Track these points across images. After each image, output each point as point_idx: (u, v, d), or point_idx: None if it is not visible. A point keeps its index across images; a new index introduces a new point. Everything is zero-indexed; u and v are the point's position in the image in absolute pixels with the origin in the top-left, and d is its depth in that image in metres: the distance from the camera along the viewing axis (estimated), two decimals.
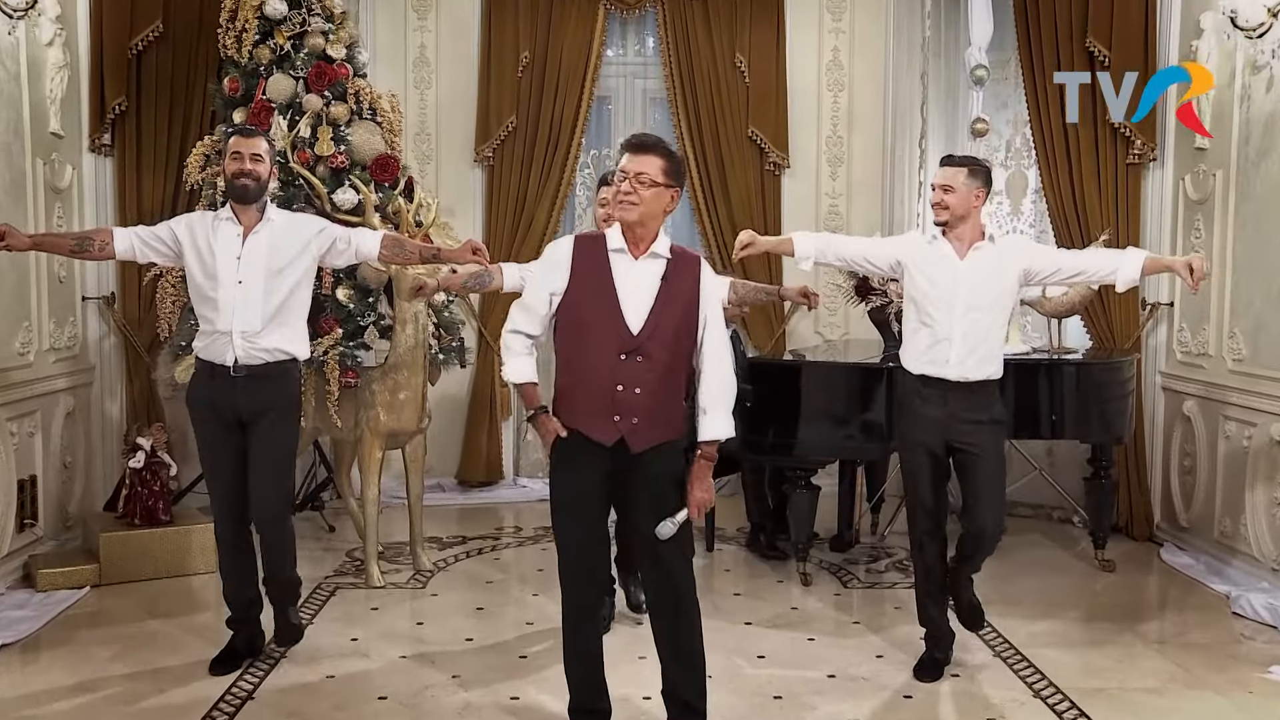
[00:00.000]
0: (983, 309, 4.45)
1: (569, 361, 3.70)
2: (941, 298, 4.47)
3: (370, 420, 5.75)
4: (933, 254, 4.54)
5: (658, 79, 8.05)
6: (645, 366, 3.61)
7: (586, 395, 3.63)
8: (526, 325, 3.76)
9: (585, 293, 3.64)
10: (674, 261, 3.68)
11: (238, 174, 4.49)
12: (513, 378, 3.79)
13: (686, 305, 3.67)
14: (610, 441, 3.62)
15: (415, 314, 5.65)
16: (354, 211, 5.87)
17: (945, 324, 4.46)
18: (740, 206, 7.86)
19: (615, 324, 3.61)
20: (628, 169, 3.61)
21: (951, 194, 4.47)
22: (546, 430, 3.70)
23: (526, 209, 7.82)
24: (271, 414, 4.54)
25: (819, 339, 8.11)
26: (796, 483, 5.82)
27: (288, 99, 6.11)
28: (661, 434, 3.68)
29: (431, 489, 7.43)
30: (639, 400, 3.61)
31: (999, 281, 4.49)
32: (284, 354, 4.56)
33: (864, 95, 8.12)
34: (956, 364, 4.45)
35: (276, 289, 4.50)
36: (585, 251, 3.68)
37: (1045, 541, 6.84)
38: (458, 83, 7.96)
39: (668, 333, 3.63)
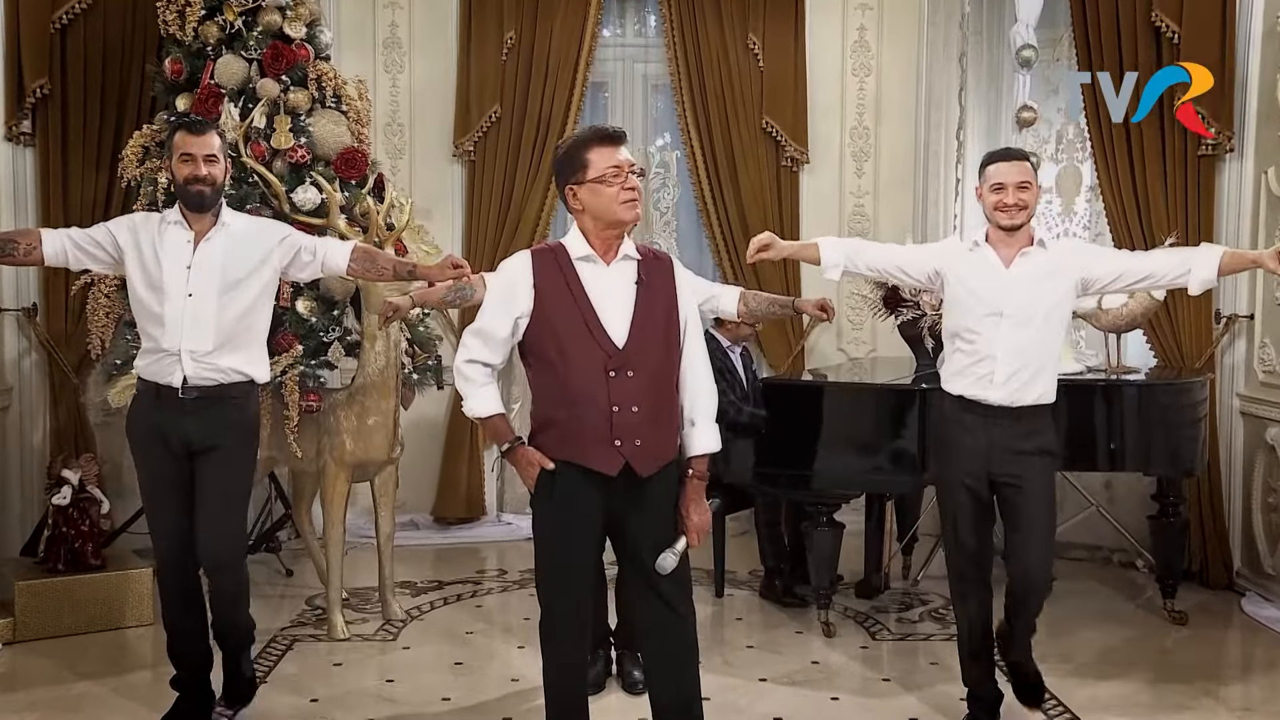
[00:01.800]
0: (1033, 323, 4.42)
1: (550, 389, 3.70)
2: (985, 311, 4.44)
3: (334, 449, 5.73)
4: (975, 262, 4.52)
5: (660, 63, 8.07)
6: (638, 381, 3.62)
7: (579, 423, 3.63)
8: (485, 353, 3.75)
9: (556, 311, 3.65)
10: (645, 262, 3.73)
11: (191, 179, 4.45)
12: (477, 412, 3.78)
13: (668, 308, 3.72)
14: (615, 470, 3.62)
15: (386, 329, 5.62)
16: (316, 213, 5.85)
17: (989, 341, 4.43)
18: (753, 207, 7.85)
19: (598, 339, 3.62)
20: (622, 163, 3.64)
21: (1029, 191, 4.46)
22: (528, 463, 3.69)
23: (512, 210, 7.83)
24: (226, 444, 4.49)
25: (842, 357, 8.12)
26: (817, 520, 5.80)
27: (239, 84, 6.07)
28: (666, 454, 3.71)
29: (404, 527, 7.41)
30: (639, 419, 3.62)
31: (1052, 292, 4.45)
32: (240, 375, 4.52)
33: (894, 81, 8.13)
34: (1002, 386, 4.42)
35: (232, 304, 4.46)
36: (546, 266, 3.69)
37: (1104, 589, 6.78)
38: (434, 67, 7.97)
39: (655, 341, 3.67)
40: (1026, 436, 4.44)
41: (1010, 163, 4.50)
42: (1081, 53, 6.95)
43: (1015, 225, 4.45)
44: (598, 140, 3.66)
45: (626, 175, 3.62)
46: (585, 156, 3.64)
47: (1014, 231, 4.47)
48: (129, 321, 5.74)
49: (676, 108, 7.93)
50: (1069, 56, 7.30)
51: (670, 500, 3.74)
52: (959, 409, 4.51)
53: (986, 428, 4.45)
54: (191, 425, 4.44)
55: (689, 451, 3.76)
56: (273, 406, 5.69)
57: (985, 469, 4.46)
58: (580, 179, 3.65)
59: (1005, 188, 4.44)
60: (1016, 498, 4.46)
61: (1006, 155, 4.56)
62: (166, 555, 4.57)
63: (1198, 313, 6.63)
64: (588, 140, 3.68)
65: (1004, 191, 4.44)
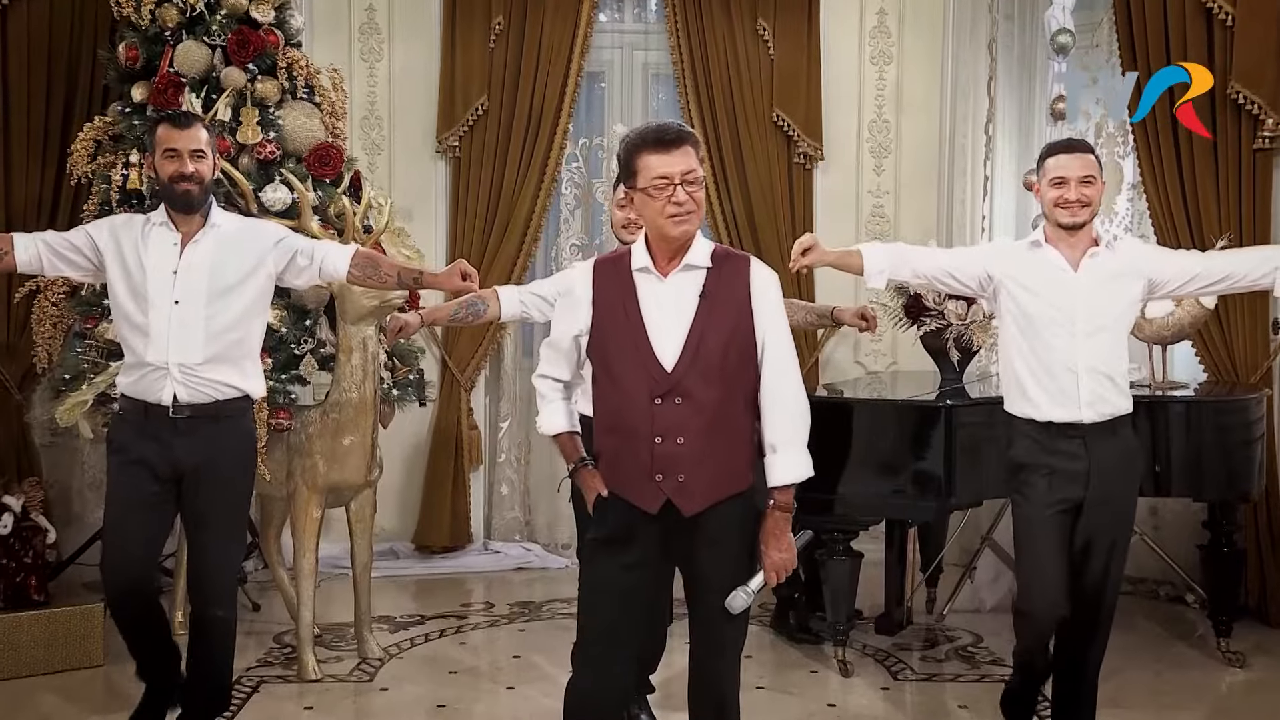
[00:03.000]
0: (1106, 330, 4.44)
1: (602, 413, 3.72)
2: (1056, 319, 4.44)
3: (306, 472, 5.71)
4: (1038, 264, 4.51)
5: (661, 51, 8.06)
6: (688, 409, 3.56)
7: (621, 452, 3.64)
8: (554, 368, 3.82)
9: (610, 329, 3.65)
10: (716, 270, 3.64)
11: (177, 177, 4.45)
12: (544, 428, 3.86)
13: (737, 321, 3.62)
14: (655, 507, 3.60)
15: (363, 340, 5.61)
16: (286, 214, 5.83)
17: (1067, 353, 4.42)
18: (763, 207, 7.84)
19: (644, 362, 3.59)
20: (672, 172, 3.55)
21: (1093, 186, 4.45)
22: (587, 488, 3.73)
23: (501, 211, 7.83)
24: (222, 468, 4.51)
25: (860, 370, 8.12)
26: (834, 549, 5.77)
27: (201, 72, 6.05)
28: (722, 488, 3.63)
29: (383, 556, 7.42)
30: (684, 452, 3.57)
31: (1123, 295, 4.49)
32: (234, 390, 4.52)
33: (916, 70, 8.12)
34: (1091, 400, 4.43)
35: (222, 313, 4.47)
36: (607, 278, 3.69)
37: (1151, 625, 6.73)
38: (415, 55, 7.97)
39: (712, 362, 3.57)
40: (1125, 456, 4.51)
41: (1073, 155, 4.48)
42: (1123, 37, 6.89)
43: (1078, 224, 4.45)
44: (649, 144, 3.59)
45: (675, 189, 3.53)
46: (636, 161, 3.59)
47: (1075, 231, 4.46)
48: (79, 333, 5.72)
49: (679, 100, 7.92)
50: (1109, 42, 7.28)
51: (743, 537, 3.66)
52: (1047, 436, 4.48)
53: (1084, 449, 4.44)
54: (183, 447, 4.44)
55: (771, 481, 3.66)
56: None
57: (1083, 493, 4.46)
58: (633, 184, 3.61)
59: (1067, 182, 4.43)
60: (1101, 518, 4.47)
61: (1069, 147, 4.55)
62: (122, 584, 4.52)
63: (1253, 322, 6.59)
64: (639, 143, 3.61)
65: (1065, 187, 4.43)
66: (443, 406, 7.88)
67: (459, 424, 7.88)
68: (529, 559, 7.92)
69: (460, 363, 7.86)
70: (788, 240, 7.60)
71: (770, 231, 7.78)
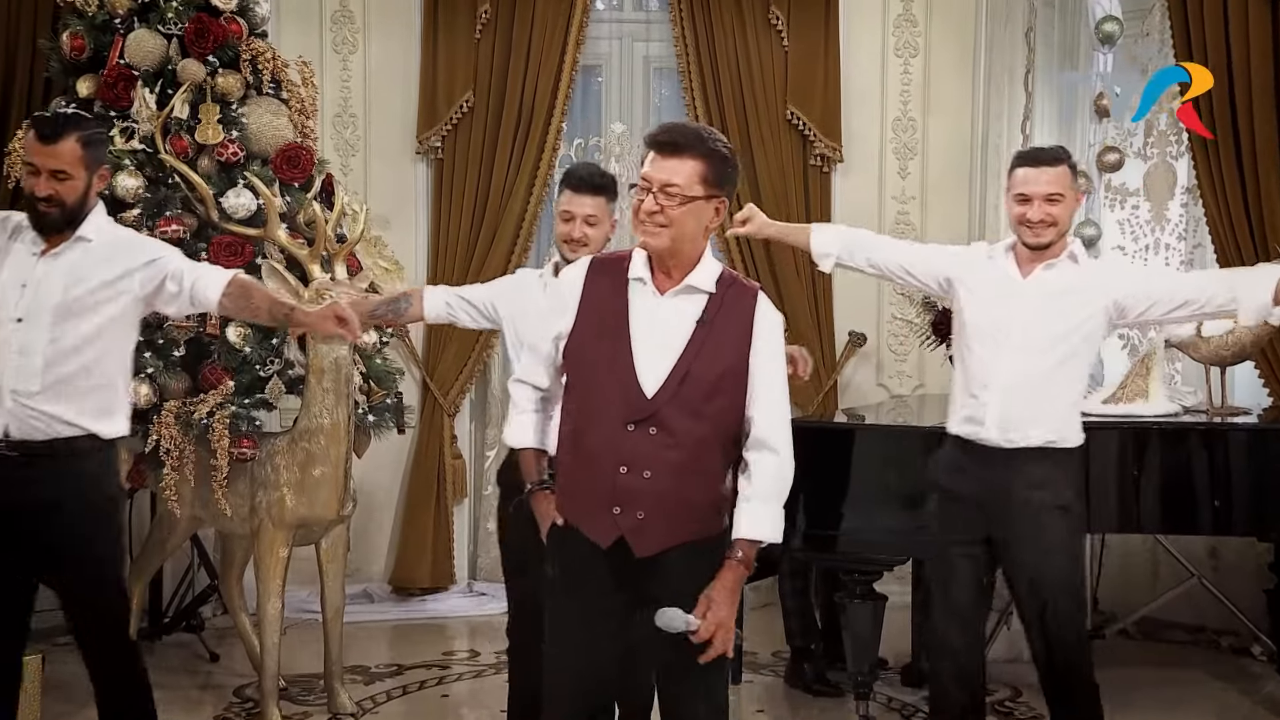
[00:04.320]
0: (1039, 350, 4.45)
1: (566, 430, 3.70)
2: (986, 329, 4.51)
3: (272, 506, 5.70)
4: (990, 272, 4.58)
5: (665, 42, 8.07)
6: (662, 441, 3.55)
7: (580, 477, 3.64)
8: (532, 373, 3.84)
9: (592, 337, 3.64)
10: (719, 297, 3.64)
11: (33, 196, 4.32)
12: (509, 440, 3.90)
13: (733, 357, 3.62)
14: (607, 542, 3.58)
15: (336, 360, 5.61)
16: (250, 222, 5.82)
17: (985, 366, 4.49)
18: (776, 212, 7.67)
19: (623, 382, 3.57)
20: (651, 177, 3.57)
21: (1060, 204, 4.47)
22: (542, 513, 3.74)
23: (489, 217, 7.84)
24: (67, 512, 4.29)
25: (883, 394, 8.11)
26: (854, 591, 5.68)
27: (156, 64, 6.03)
28: (683, 532, 3.61)
29: (356, 599, 7.42)
30: (648, 487, 3.55)
31: (1073, 314, 4.47)
32: (75, 428, 4.32)
33: (946, 62, 8.12)
34: (996, 422, 4.46)
35: (68, 335, 4.28)
36: (600, 278, 3.69)
37: (1211, 679, 6.68)
38: (394, 46, 7.99)
39: (697, 396, 3.57)
40: (1034, 484, 4.45)
41: (1039, 169, 4.50)
42: (1177, 25, 6.92)
43: (1041, 244, 4.49)
44: (649, 141, 3.64)
45: (648, 195, 3.55)
46: (644, 155, 3.65)
47: (1041, 250, 4.50)
48: None
49: (684, 96, 7.93)
50: (1161, 30, 7.30)
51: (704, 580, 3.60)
52: (955, 452, 4.58)
53: (983, 474, 4.48)
54: (17, 490, 4.24)
55: (737, 531, 3.64)
56: (198, 456, 5.66)
57: (985, 527, 4.49)
58: None
59: (1031, 200, 4.46)
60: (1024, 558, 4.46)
61: (1036, 159, 4.57)
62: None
63: None
64: (647, 138, 3.66)
65: (1029, 205, 4.46)
66: (423, 433, 7.87)
67: (441, 453, 7.87)
68: None
69: (443, 385, 7.83)
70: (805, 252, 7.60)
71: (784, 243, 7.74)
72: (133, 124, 5.84)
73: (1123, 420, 5.82)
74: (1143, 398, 5.98)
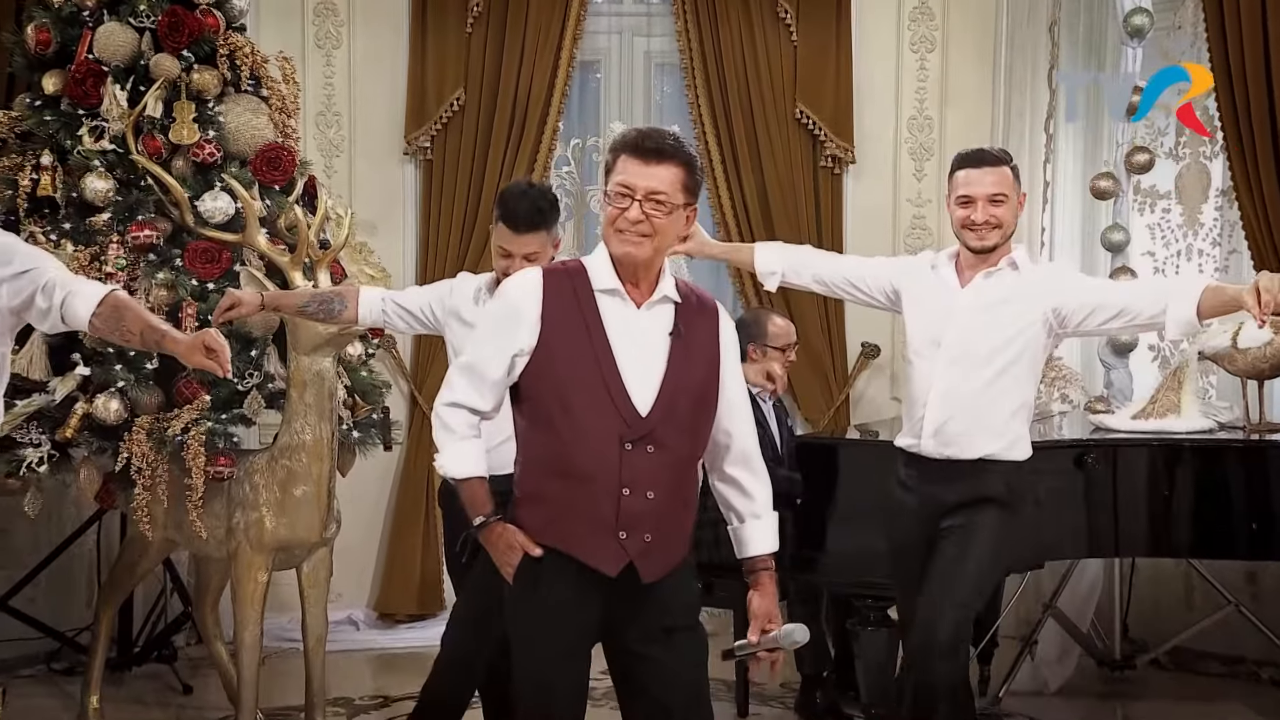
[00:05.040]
0: (975, 360, 4.54)
1: (545, 453, 3.66)
2: (924, 341, 4.64)
3: (250, 528, 5.67)
4: (932, 281, 4.71)
5: (667, 36, 8.09)
6: (659, 459, 3.59)
7: (578, 503, 3.60)
8: (473, 396, 3.74)
9: (566, 355, 3.61)
10: (685, 307, 3.71)
11: None
12: (452, 471, 3.75)
13: (706, 369, 3.71)
14: (615, 569, 3.58)
15: (319, 374, 5.58)
16: (228, 227, 5.80)
17: (924, 378, 4.62)
18: (784, 217, 7.87)
19: (616, 401, 3.58)
20: (634, 185, 3.58)
21: (1004, 205, 4.55)
22: (508, 545, 3.64)
23: (480, 223, 7.78)
24: None
25: (896, 408, 7.96)
26: (867, 617, 5.74)
27: (127, 60, 5.99)
28: (678, 553, 3.70)
29: (340, 626, 7.44)
30: (652, 508, 3.58)
31: (1010, 324, 4.55)
32: None
33: (964, 57, 8.14)
34: (932, 434, 4.59)
35: None
36: (560, 293, 3.66)
37: (1250, 713, 6.66)
38: (380, 40, 8.00)
39: (685, 411, 3.64)
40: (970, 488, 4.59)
41: (982, 170, 4.59)
42: (1212, 17, 6.92)
43: (986, 248, 4.58)
44: (628, 147, 3.64)
45: (633, 203, 3.56)
46: (614, 162, 3.65)
47: (985, 255, 4.59)
48: None
49: (687, 93, 7.96)
50: (1194, 23, 7.29)
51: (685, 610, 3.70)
52: (900, 466, 4.75)
53: (921, 486, 4.64)
54: None
55: (756, 548, 3.78)
56: (171, 475, 5.64)
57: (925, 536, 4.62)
58: (605, 184, 3.67)
59: (974, 202, 4.55)
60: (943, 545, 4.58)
61: (979, 160, 4.64)
62: None
63: None
64: (623, 143, 3.67)
65: (972, 206, 4.55)
66: (411, 450, 7.88)
67: (430, 471, 7.74)
68: None
69: (432, 399, 7.70)
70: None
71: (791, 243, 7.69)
72: (102, 123, 5.80)
73: (1153, 437, 5.81)
74: (1174, 413, 5.97)
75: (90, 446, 5.57)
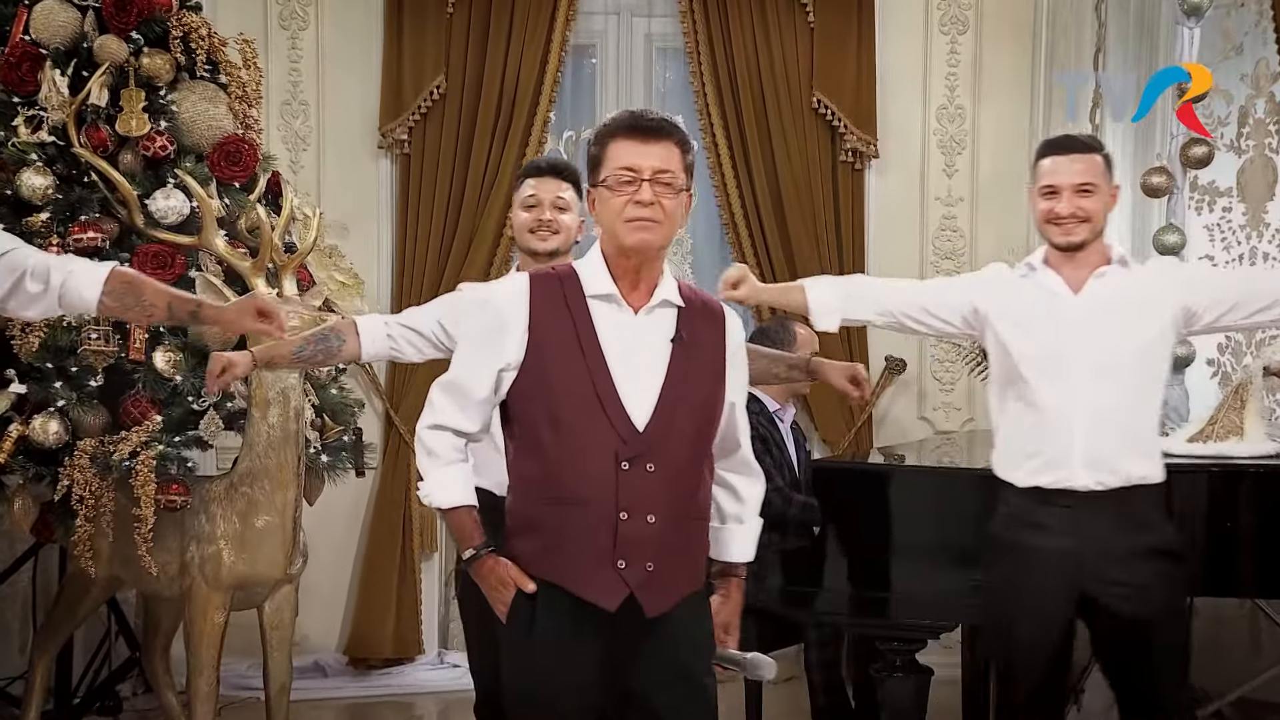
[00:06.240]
0: (1119, 370, 4.48)
1: (535, 477, 3.69)
2: (1044, 359, 4.51)
3: (207, 563, 5.67)
4: (1030, 291, 4.62)
5: (670, 18, 8.12)
6: (660, 478, 3.61)
7: (571, 532, 3.62)
8: (457, 417, 3.76)
9: (556, 368, 3.64)
10: (689, 311, 3.75)
11: None
12: (436, 499, 3.77)
13: (711, 378, 3.75)
14: (615, 603, 3.59)
15: (284, 391, 5.61)
16: (182, 228, 5.80)
17: (1060, 398, 4.48)
18: (799, 218, 7.90)
19: (610, 416, 3.60)
20: (638, 165, 3.63)
21: (1091, 196, 4.51)
22: (500, 580, 3.68)
23: (463, 224, 7.87)
24: None
25: (926, 430, 8.14)
26: (894, 662, 5.67)
27: (68, 41, 5.99)
28: (686, 583, 3.72)
29: (305, 672, 7.44)
30: (654, 534, 3.60)
31: (1141, 328, 4.51)
32: None
33: (1000, 39, 8.15)
34: (1087, 463, 4.46)
35: None
36: (549, 300, 3.70)
37: None
38: (351, 22, 8.03)
39: (686, 424, 3.66)
40: (1135, 529, 4.47)
41: (1069, 157, 4.55)
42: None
43: (1073, 244, 4.52)
44: (622, 129, 3.68)
45: (641, 185, 3.60)
46: (604, 150, 3.69)
47: (1074, 252, 4.53)
48: None
49: (691, 81, 7.97)
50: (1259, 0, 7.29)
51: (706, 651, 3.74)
52: (1030, 504, 4.56)
53: (1075, 524, 4.48)
54: None
55: (732, 554, 3.89)
56: (118, 504, 5.62)
57: (1078, 586, 4.50)
58: (594, 180, 3.71)
59: (1059, 193, 4.51)
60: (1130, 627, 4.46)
61: (1065, 146, 4.62)
62: None
63: None
64: (612, 128, 3.71)
65: (1057, 198, 4.51)
66: (386, 476, 7.90)
67: (407, 499, 7.86)
68: None
69: (410, 418, 7.74)
70: (832, 260, 7.66)
71: (809, 250, 7.81)
72: (40, 112, 5.80)
73: (1212, 462, 5.76)
74: (1237, 435, 5.93)
75: (26, 473, 5.53)
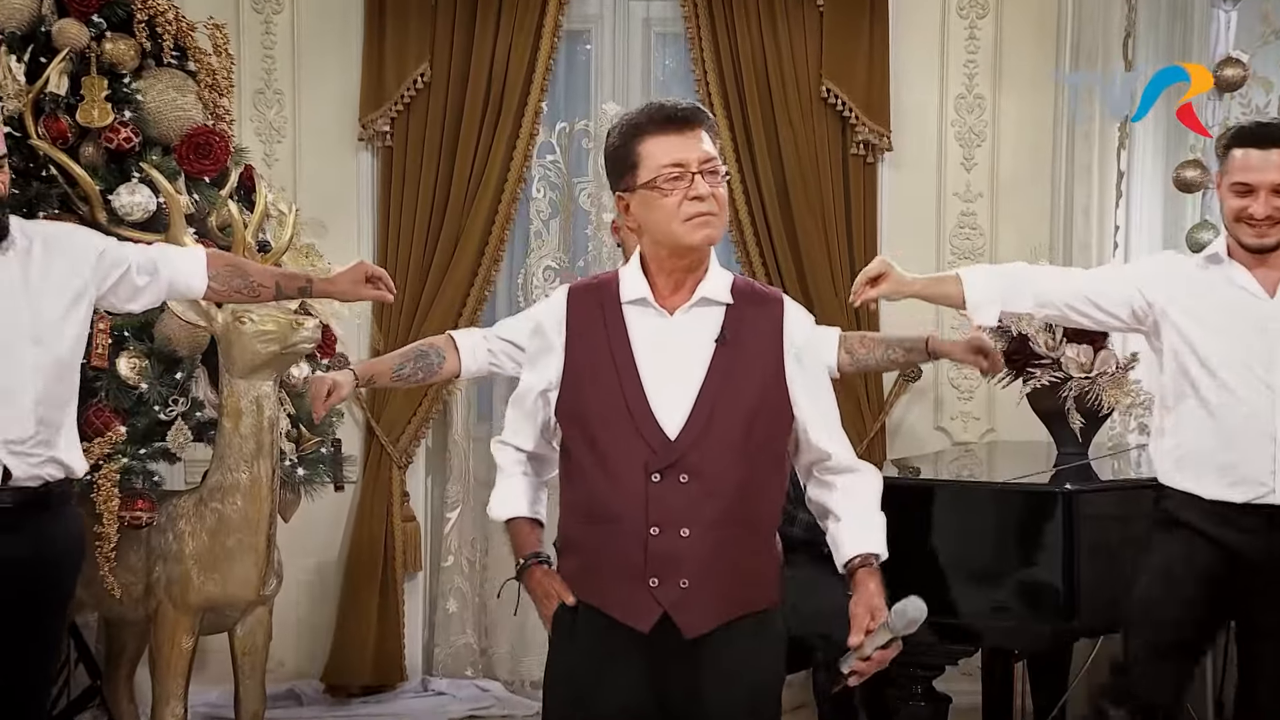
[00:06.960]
0: None
1: (575, 495, 3.78)
2: (1242, 361, 4.47)
3: (174, 584, 5.68)
4: (1214, 285, 4.56)
5: (670, 1, 8.08)
6: (697, 491, 3.60)
7: (605, 550, 3.67)
8: (515, 434, 3.93)
9: (589, 380, 3.69)
10: (738, 309, 3.73)
11: None
12: (493, 511, 3.98)
13: (767, 379, 3.70)
14: (647, 624, 3.61)
15: (258, 400, 5.61)
16: (149, 226, 5.80)
17: (1258, 409, 4.46)
18: (808, 214, 7.88)
19: (639, 425, 3.62)
20: (686, 159, 3.61)
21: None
22: (544, 592, 3.78)
23: (449, 221, 7.86)
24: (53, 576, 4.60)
25: (943, 440, 8.11)
26: (910, 690, 5.79)
27: (25, 25, 5.97)
28: (734, 604, 3.68)
29: (280, 701, 7.46)
30: (688, 550, 3.59)
31: None
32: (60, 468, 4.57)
33: (1023, 24, 8.10)
34: None
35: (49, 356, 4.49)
36: (586, 313, 3.75)
37: None
38: (330, 6, 8.01)
39: (732, 431, 3.63)
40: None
41: (1267, 151, 4.47)
42: None
43: (1265, 247, 4.48)
44: (654, 124, 3.65)
45: (693, 178, 3.59)
46: (636, 150, 3.65)
47: (1265, 255, 4.49)
48: None
49: (693, 69, 7.93)
50: None
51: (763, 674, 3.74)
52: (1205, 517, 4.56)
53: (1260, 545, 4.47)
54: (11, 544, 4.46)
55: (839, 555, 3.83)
56: None
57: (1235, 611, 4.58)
58: (629, 184, 3.67)
59: (1255, 191, 4.45)
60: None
61: (1264, 137, 4.53)
62: None
63: None
64: (639, 125, 3.67)
65: (1252, 197, 4.45)
66: (366, 491, 7.87)
67: (390, 515, 7.86)
68: (485, 702, 7.88)
69: (392, 430, 7.80)
70: (843, 260, 7.63)
71: (818, 248, 7.80)
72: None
73: None
74: None
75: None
